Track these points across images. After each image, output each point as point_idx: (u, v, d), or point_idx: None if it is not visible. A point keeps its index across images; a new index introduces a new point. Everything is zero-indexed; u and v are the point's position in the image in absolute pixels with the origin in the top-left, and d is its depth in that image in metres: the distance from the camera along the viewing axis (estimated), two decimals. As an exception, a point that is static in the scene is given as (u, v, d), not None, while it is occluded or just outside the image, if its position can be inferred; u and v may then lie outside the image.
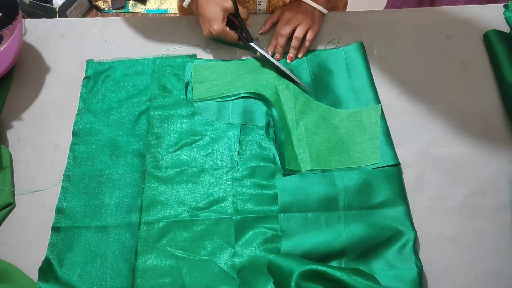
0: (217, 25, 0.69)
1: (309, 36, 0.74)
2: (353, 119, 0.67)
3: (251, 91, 0.69)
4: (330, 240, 0.57)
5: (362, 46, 0.75)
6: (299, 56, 0.74)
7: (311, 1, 0.75)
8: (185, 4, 0.70)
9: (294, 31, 0.74)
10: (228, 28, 0.71)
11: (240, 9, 0.71)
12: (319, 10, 0.76)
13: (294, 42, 0.73)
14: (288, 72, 0.71)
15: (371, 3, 1.36)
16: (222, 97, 0.69)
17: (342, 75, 0.72)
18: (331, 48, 0.75)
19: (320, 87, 0.71)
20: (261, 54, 0.72)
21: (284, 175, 0.62)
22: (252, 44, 0.72)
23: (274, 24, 0.78)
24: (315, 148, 0.65)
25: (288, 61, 0.73)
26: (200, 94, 0.70)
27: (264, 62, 0.73)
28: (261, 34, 0.77)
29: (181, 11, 0.90)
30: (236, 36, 0.72)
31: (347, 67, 0.73)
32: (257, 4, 0.78)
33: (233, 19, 0.73)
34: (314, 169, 0.63)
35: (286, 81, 0.71)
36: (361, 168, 0.62)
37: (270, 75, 0.71)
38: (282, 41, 0.73)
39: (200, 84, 0.70)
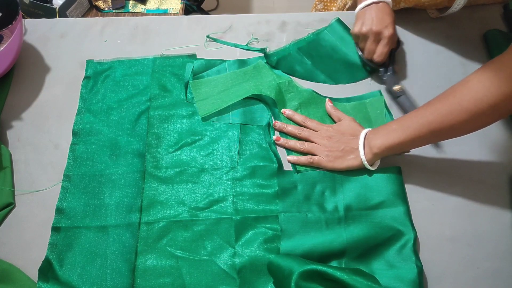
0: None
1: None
2: (358, 111, 0.68)
3: (255, 92, 0.69)
4: (330, 240, 0.57)
5: (340, 21, 0.76)
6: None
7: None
8: None
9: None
10: None
11: None
12: None
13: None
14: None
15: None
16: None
17: (344, 48, 0.74)
18: (310, 34, 0.76)
19: (329, 64, 0.73)
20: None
21: (297, 171, 0.63)
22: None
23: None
24: None
25: None
26: (206, 110, 0.68)
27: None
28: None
29: None
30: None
31: (340, 42, 0.75)
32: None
33: None
34: None
35: (288, 79, 0.71)
36: (361, 169, 0.62)
37: (270, 76, 0.71)
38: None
39: (204, 101, 0.69)
